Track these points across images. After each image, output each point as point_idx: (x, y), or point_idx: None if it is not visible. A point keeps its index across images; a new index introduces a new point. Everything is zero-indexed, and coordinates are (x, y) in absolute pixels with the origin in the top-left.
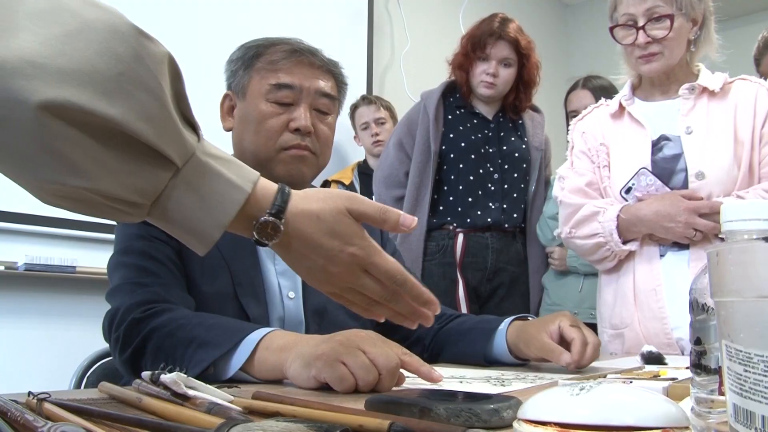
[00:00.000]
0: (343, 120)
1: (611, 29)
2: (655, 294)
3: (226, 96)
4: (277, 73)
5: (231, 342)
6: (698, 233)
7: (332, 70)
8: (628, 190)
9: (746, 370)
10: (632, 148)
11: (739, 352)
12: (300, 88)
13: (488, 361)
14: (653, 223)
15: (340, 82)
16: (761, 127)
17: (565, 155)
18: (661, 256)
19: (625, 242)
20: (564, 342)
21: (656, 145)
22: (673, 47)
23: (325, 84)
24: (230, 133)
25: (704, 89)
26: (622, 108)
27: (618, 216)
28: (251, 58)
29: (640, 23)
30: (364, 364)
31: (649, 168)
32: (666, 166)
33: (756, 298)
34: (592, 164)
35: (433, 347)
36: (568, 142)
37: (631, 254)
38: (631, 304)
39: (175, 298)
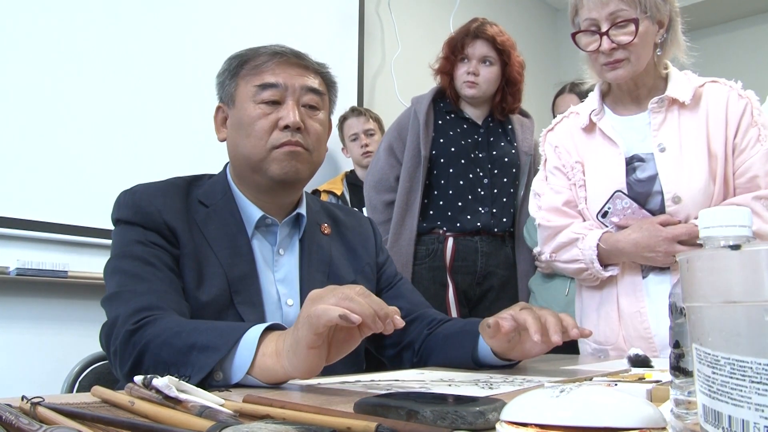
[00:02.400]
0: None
1: (573, 36)
2: (639, 315)
3: (218, 108)
4: (262, 74)
5: (229, 343)
6: None
7: (318, 70)
8: (605, 214)
9: (714, 372)
10: (606, 167)
11: (708, 354)
12: (285, 85)
13: (477, 363)
14: (633, 254)
15: (327, 81)
16: (734, 137)
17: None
18: (644, 277)
19: (606, 266)
20: (525, 332)
21: (630, 164)
22: (639, 52)
23: (311, 81)
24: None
25: (674, 100)
26: (593, 122)
27: (598, 245)
28: (236, 67)
29: (603, 28)
30: (338, 292)
31: (625, 191)
32: (641, 190)
33: (722, 303)
34: (568, 181)
35: (423, 352)
36: (540, 155)
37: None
38: (615, 324)
39: (170, 304)
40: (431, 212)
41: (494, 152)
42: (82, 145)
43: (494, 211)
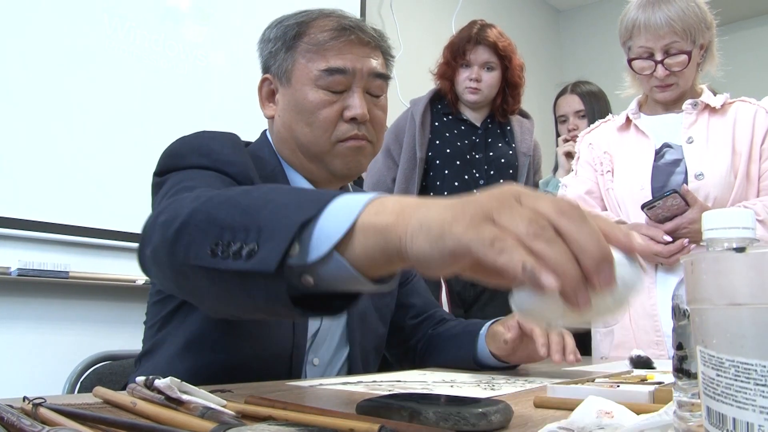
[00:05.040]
0: None
1: (629, 61)
2: (647, 292)
3: (264, 80)
4: (326, 55)
5: (321, 202)
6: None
7: (380, 45)
8: (651, 207)
9: (718, 375)
10: (636, 155)
11: (712, 357)
12: (353, 71)
13: (478, 364)
14: None
15: (387, 56)
16: (761, 143)
17: (553, 160)
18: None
19: None
20: (529, 340)
21: (659, 153)
22: (688, 77)
23: (377, 63)
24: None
25: (706, 105)
26: (628, 121)
27: None
28: (293, 38)
29: (658, 57)
30: (530, 217)
31: (650, 173)
32: (666, 169)
33: (727, 305)
34: (594, 173)
35: (425, 351)
36: (556, 146)
37: None
38: None
39: None
40: None
41: (491, 153)
42: (84, 145)
43: None
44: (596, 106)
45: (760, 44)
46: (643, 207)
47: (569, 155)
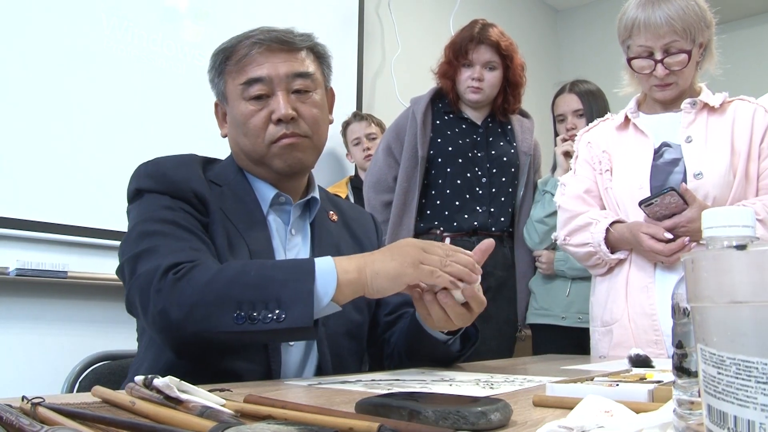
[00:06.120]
0: (337, 136)
1: (629, 60)
2: (646, 290)
3: (216, 105)
4: (245, 69)
5: (310, 272)
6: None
7: (305, 46)
8: (649, 204)
9: (719, 373)
10: (635, 154)
11: (713, 355)
12: (270, 77)
13: (430, 342)
14: (635, 244)
15: (317, 54)
16: (760, 142)
17: (551, 159)
18: None
19: (614, 251)
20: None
21: (657, 152)
22: (687, 76)
23: (297, 65)
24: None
25: (705, 104)
26: (627, 120)
27: (607, 229)
28: (221, 63)
29: (658, 56)
30: (436, 253)
31: (649, 172)
32: (665, 168)
33: (727, 303)
34: (593, 171)
35: (395, 344)
36: (554, 145)
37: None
38: (622, 299)
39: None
40: (428, 212)
41: (493, 152)
42: (82, 145)
43: (492, 210)
44: (594, 105)
45: (758, 43)
46: (640, 204)
47: (567, 154)
